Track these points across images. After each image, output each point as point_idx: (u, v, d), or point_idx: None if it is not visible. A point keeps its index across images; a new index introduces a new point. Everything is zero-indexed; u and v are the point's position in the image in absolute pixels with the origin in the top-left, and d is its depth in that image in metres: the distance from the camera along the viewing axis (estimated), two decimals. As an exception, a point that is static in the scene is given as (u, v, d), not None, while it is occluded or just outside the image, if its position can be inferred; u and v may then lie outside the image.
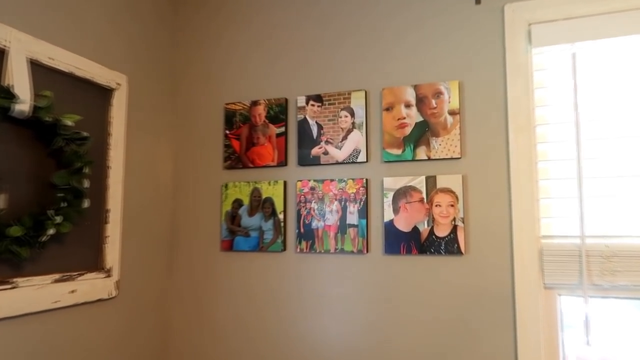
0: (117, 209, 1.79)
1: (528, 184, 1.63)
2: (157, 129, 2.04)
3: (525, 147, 1.64)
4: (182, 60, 2.18)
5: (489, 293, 1.66)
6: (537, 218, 1.62)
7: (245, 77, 2.06)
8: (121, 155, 1.81)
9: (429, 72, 1.80)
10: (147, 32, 2.00)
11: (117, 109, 1.80)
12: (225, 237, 2.00)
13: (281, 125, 1.96)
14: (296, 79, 1.98)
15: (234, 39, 2.10)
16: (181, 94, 2.17)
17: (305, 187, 1.90)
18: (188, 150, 2.13)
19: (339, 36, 1.94)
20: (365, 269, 1.81)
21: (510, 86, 1.67)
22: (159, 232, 2.04)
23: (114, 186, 1.78)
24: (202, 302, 2.02)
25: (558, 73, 1.67)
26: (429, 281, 1.72)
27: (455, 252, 1.68)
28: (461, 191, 1.70)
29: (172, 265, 2.09)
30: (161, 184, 2.06)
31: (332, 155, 1.88)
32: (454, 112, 1.73)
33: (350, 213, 1.83)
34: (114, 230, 1.77)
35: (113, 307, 1.78)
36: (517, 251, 1.63)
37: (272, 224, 1.93)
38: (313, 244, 1.87)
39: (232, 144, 2.02)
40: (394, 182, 1.78)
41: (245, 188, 1.98)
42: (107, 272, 1.74)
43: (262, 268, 1.95)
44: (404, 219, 1.75)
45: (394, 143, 1.79)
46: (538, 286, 1.60)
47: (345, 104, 1.87)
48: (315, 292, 1.86)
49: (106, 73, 1.75)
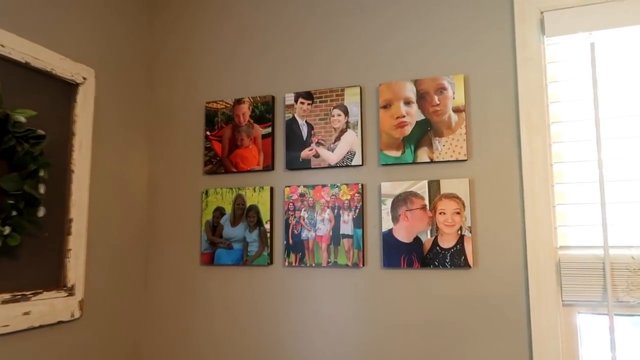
0: (82, 218, 1.59)
1: (543, 188, 1.46)
2: (130, 129, 1.85)
3: (538, 147, 1.48)
4: (159, 55, 1.99)
5: (500, 311, 1.48)
6: (553, 227, 1.45)
7: (228, 73, 1.88)
8: (87, 158, 1.62)
9: (430, 66, 1.63)
10: (119, 23, 1.81)
11: (82, 106, 1.60)
12: (205, 250, 1.80)
13: (267, 125, 1.77)
14: (284, 74, 1.80)
15: (216, 32, 1.91)
16: (157, 91, 1.97)
17: (294, 193, 1.71)
18: (165, 153, 1.93)
19: (331, 27, 1.76)
20: (361, 285, 1.62)
21: (521, 80, 1.51)
22: (132, 245, 1.83)
23: (78, 193, 1.58)
24: (180, 322, 1.82)
25: (575, 65, 1.51)
26: (433, 298, 1.54)
27: (462, 265, 1.50)
28: (468, 197, 1.52)
29: (147, 281, 1.89)
30: (134, 190, 1.86)
31: (324, 158, 1.69)
32: (459, 109, 1.56)
33: (344, 222, 1.64)
34: (78, 243, 1.57)
35: (77, 330, 1.57)
36: (532, 264, 1.45)
37: (257, 234, 1.74)
38: (303, 256, 1.67)
39: (213, 146, 1.83)
40: (392, 187, 1.60)
41: (228, 195, 1.79)
42: (69, 291, 1.53)
43: (246, 284, 1.75)
44: (405, 228, 1.57)
45: (392, 144, 1.62)
46: (555, 303, 1.42)
47: (338, 101, 1.69)
48: (305, 311, 1.67)
49: (70, 65, 1.55)
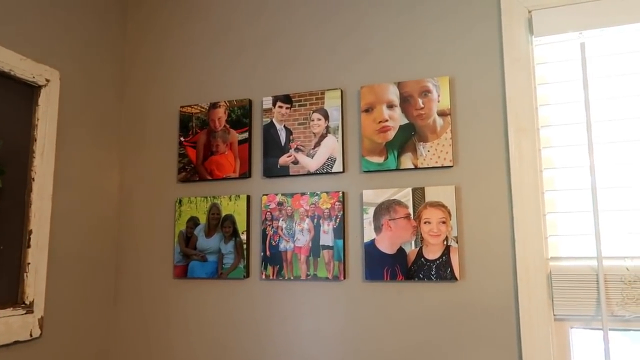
0: (43, 230, 1.48)
1: (532, 196, 1.38)
2: (99, 134, 1.74)
3: (527, 152, 1.40)
4: (132, 57, 1.89)
5: (489, 326, 1.39)
6: (543, 236, 1.37)
7: (204, 75, 1.78)
8: (50, 165, 1.51)
9: (414, 67, 1.55)
10: (90, 24, 1.71)
11: (45, 109, 1.50)
12: (179, 262, 1.69)
13: (244, 130, 1.68)
14: (262, 77, 1.71)
15: (192, 33, 1.83)
16: (130, 95, 1.88)
17: (271, 202, 1.62)
18: (137, 160, 1.83)
19: (311, 28, 1.68)
20: (342, 299, 1.53)
21: (508, 82, 1.44)
22: (101, 257, 1.72)
23: (40, 202, 1.47)
24: (151, 339, 1.71)
25: (565, 66, 1.44)
26: (418, 312, 1.45)
27: (448, 277, 1.42)
28: (454, 205, 1.44)
29: (117, 296, 1.78)
30: (104, 199, 1.75)
31: (303, 164, 1.60)
32: (444, 112, 1.48)
33: (324, 232, 1.55)
34: (38, 256, 1.46)
35: (36, 350, 1.46)
36: (521, 276, 1.37)
37: (232, 246, 1.64)
38: (281, 269, 1.58)
39: (187, 152, 1.74)
40: (375, 195, 1.51)
41: (202, 204, 1.69)
42: (28, 308, 1.42)
43: (222, 298, 1.65)
44: (388, 238, 1.49)
45: (374, 150, 1.53)
46: (547, 318, 1.34)
47: (318, 105, 1.61)
48: (284, 327, 1.57)
49: (31, 66, 1.46)
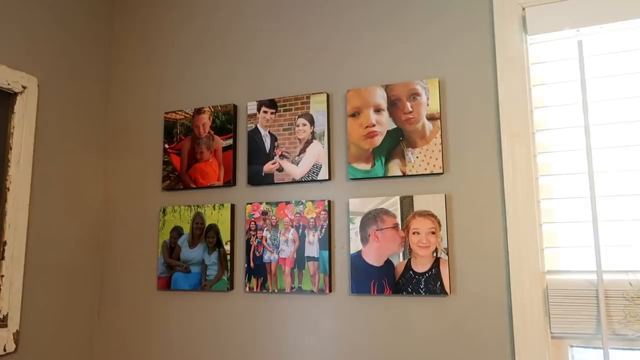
0: (19, 241, 1.44)
1: (527, 204, 1.29)
2: (82, 142, 1.70)
3: (522, 158, 1.31)
4: (115, 62, 1.85)
5: (481, 344, 1.30)
6: (539, 248, 1.28)
7: (188, 81, 1.73)
8: (27, 175, 1.47)
9: (402, 69, 1.47)
10: (70, 30, 1.67)
11: (21, 117, 1.47)
12: (162, 274, 1.64)
13: (228, 136, 1.62)
14: (246, 81, 1.65)
15: (176, 37, 1.78)
16: (113, 101, 1.83)
17: (256, 211, 1.55)
18: (121, 168, 1.78)
19: (295, 29, 1.62)
20: (327, 313, 1.45)
21: (501, 84, 1.35)
22: (84, 269, 1.68)
23: (15, 213, 1.43)
24: (135, 352, 1.65)
25: (561, 66, 1.35)
26: (406, 329, 1.37)
27: (438, 291, 1.33)
28: (444, 215, 1.36)
29: (100, 308, 1.73)
30: (88, 209, 1.71)
31: (288, 172, 1.54)
32: (434, 116, 1.41)
33: (309, 243, 1.48)
34: (13, 268, 1.42)
35: (10, 365, 1.41)
36: (516, 291, 1.28)
37: (216, 257, 1.58)
38: (265, 281, 1.51)
39: (171, 160, 1.68)
40: (361, 204, 1.44)
41: (186, 213, 1.63)
42: (2, 322, 1.38)
43: (205, 311, 1.58)
44: (375, 250, 1.41)
45: (361, 156, 1.46)
46: (543, 335, 1.25)
47: (303, 109, 1.54)
48: (268, 342, 1.50)
49: (5, 73, 1.42)
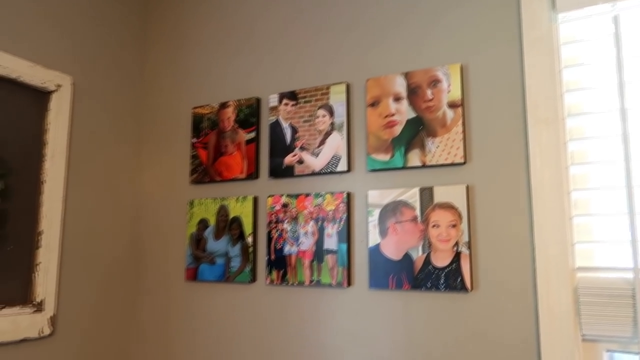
0: (54, 231, 1.52)
1: (556, 196, 1.19)
2: (115, 137, 1.77)
3: (550, 146, 1.21)
4: (146, 60, 1.91)
5: (504, 345, 1.22)
6: (569, 243, 1.18)
7: (214, 75, 1.76)
8: (61, 169, 1.55)
9: (422, 56, 1.41)
10: (103, 28, 1.75)
11: (56, 114, 1.55)
12: (190, 265, 1.67)
13: (252, 129, 1.63)
14: (269, 75, 1.65)
15: (203, 34, 1.81)
16: (145, 97, 1.89)
17: (276, 203, 1.55)
18: (153, 162, 1.84)
19: (317, 20, 1.59)
20: (345, 308, 1.42)
21: (528, 67, 1.26)
22: (119, 258, 1.75)
23: (50, 204, 1.51)
24: (166, 342, 1.70)
25: (595, 45, 1.23)
26: (424, 326, 1.31)
27: (458, 287, 1.26)
28: (465, 207, 1.28)
29: (133, 297, 1.79)
30: (121, 202, 1.78)
31: (308, 164, 1.52)
32: (455, 104, 1.33)
33: (328, 236, 1.45)
34: (49, 256, 1.50)
35: (47, 348, 1.49)
36: (542, 289, 1.19)
37: (239, 249, 1.59)
38: (285, 274, 1.50)
39: (199, 154, 1.72)
40: (380, 196, 1.39)
41: (212, 206, 1.66)
42: (37, 306, 1.46)
43: (228, 302, 1.60)
44: (394, 243, 1.36)
45: (380, 147, 1.41)
46: (573, 338, 1.15)
47: (323, 100, 1.52)
48: (287, 334, 1.49)
49: (40, 72, 1.50)
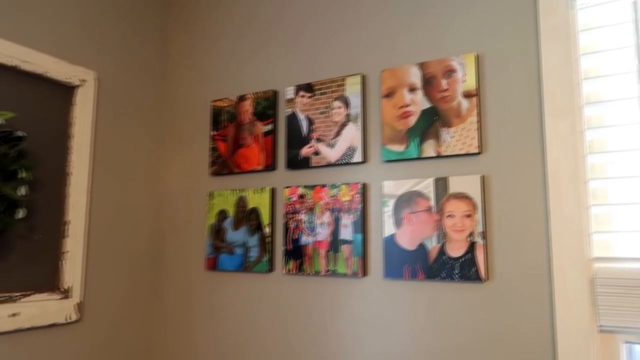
0: (80, 221, 1.58)
1: (572, 185, 1.18)
2: (135, 131, 1.82)
3: (567, 134, 1.20)
4: (167, 55, 1.95)
5: (519, 335, 1.22)
6: (586, 233, 1.17)
7: (232, 69, 1.79)
8: (86, 161, 1.61)
9: (437, 46, 1.41)
10: (123, 25, 1.80)
11: (81, 108, 1.60)
12: (210, 254, 1.71)
13: (269, 122, 1.65)
14: (285, 67, 1.67)
15: (221, 30, 1.84)
16: (164, 92, 1.94)
17: (293, 194, 1.57)
18: (174, 154, 1.89)
19: (332, 14, 1.60)
20: (360, 297, 1.43)
21: (545, 54, 1.24)
22: (139, 248, 1.80)
23: (76, 195, 1.57)
24: (186, 327, 1.75)
25: (614, 32, 1.21)
26: (439, 315, 1.31)
27: (473, 277, 1.26)
28: (480, 197, 1.28)
29: (155, 285, 1.85)
30: (144, 193, 1.83)
31: (324, 155, 1.53)
32: (471, 93, 1.33)
33: (343, 226, 1.47)
34: (75, 245, 1.56)
35: (74, 333, 1.56)
36: (558, 279, 1.18)
37: (257, 239, 1.62)
38: (302, 263, 1.53)
39: (218, 146, 1.75)
40: (395, 186, 1.40)
41: (231, 197, 1.69)
42: (65, 293, 1.52)
43: (247, 291, 1.64)
44: (408, 233, 1.37)
45: (395, 137, 1.42)
46: (589, 329, 1.14)
47: (338, 92, 1.53)
48: (304, 323, 1.51)
49: (65, 68, 1.56)
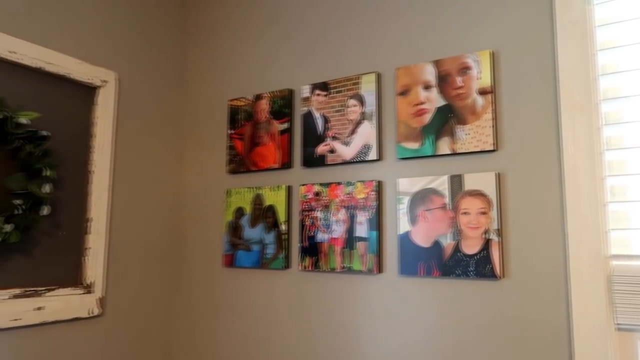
0: (102, 218, 1.62)
1: (589, 182, 1.17)
2: (158, 129, 1.86)
3: (583, 131, 1.19)
4: (184, 55, 1.99)
5: (535, 333, 1.21)
6: (603, 230, 1.16)
7: (249, 68, 1.81)
8: (107, 159, 1.65)
9: (452, 43, 1.41)
10: (142, 27, 1.84)
11: (102, 108, 1.64)
12: (227, 251, 1.74)
13: (285, 120, 1.67)
14: (302, 66, 1.69)
15: (237, 31, 1.86)
16: (183, 92, 1.97)
17: (309, 192, 1.59)
18: (193, 153, 1.92)
19: (346, 12, 1.61)
20: (376, 294, 1.44)
21: (561, 51, 1.23)
22: (158, 245, 1.84)
23: (98, 193, 1.61)
24: (204, 323, 1.78)
25: (632, 27, 1.19)
26: (454, 312, 1.32)
27: (488, 275, 1.26)
28: (496, 194, 1.28)
29: (174, 281, 1.88)
30: (163, 191, 1.87)
31: (339, 153, 1.55)
32: (486, 90, 1.33)
33: (359, 224, 1.48)
34: (97, 242, 1.60)
35: (96, 327, 1.60)
36: (575, 277, 1.17)
37: (274, 236, 1.64)
38: (318, 260, 1.54)
39: (235, 145, 1.78)
40: (410, 184, 1.41)
41: (247, 195, 1.72)
42: (87, 288, 1.56)
43: (264, 288, 1.66)
44: (423, 230, 1.37)
45: (410, 135, 1.42)
46: (606, 327, 1.13)
47: (353, 90, 1.54)
48: (320, 319, 1.53)
49: (87, 69, 1.60)
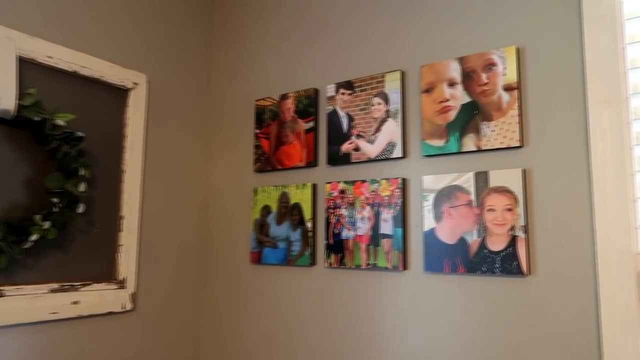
0: (134, 216, 1.67)
1: (618, 178, 1.16)
2: (184, 130, 1.91)
3: (612, 126, 1.17)
4: (211, 58, 2.04)
5: (562, 332, 1.20)
6: (632, 226, 1.14)
7: (275, 69, 1.84)
8: (139, 159, 1.70)
9: (477, 40, 1.40)
10: (171, 30, 1.89)
11: (134, 109, 1.70)
12: (254, 249, 1.78)
13: (310, 119, 1.70)
14: (327, 66, 1.71)
15: (263, 32, 1.90)
16: (210, 93, 2.02)
17: (334, 190, 1.60)
18: (220, 153, 1.96)
19: (370, 11, 1.62)
20: (401, 290, 1.45)
21: (588, 45, 1.22)
22: (187, 242, 1.89)
23: (130, 192, 1.67)
24: (231, 319, 1.82)
25: (662, 20, 1.18)
26: (480, 309, 1.31)
27: (514, 271, 1.26)
28: (522, 191, 1.27)
29: (203, 278, 1.93)
30: (192, 190, 1.92)
31: (364, 151, 1.56)
32: (511, 87, 1.32)
33: (384, 221, 1.49)
34: (129, 239, 1.65)
35: (128, 321, 1.65)
36: (603, 273, 1.15)
37: (299, 233, 1.66)
38: (343, 257, 1.56)
39: (261, 144, 1.81)
40: (435, 181, 1.41)
41: (274, 193, 1.75)
42: (120, 283, 1.62)
43: (290, 284, 1.69)
44: (448, 227, 1.37)
45: (435, 132, 1.43)
46: (636, 323, 1.11)
47: (378, 88, 1.55)
48: (345, 315, 1.55)
49: (119, 72, 1.66)
